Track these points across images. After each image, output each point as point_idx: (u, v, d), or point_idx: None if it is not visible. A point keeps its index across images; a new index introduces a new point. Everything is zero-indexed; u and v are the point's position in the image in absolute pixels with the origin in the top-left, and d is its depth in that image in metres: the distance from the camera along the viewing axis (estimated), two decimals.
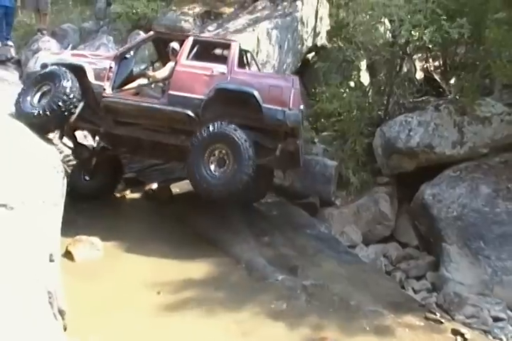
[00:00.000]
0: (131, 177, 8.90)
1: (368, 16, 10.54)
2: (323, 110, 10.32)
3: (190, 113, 6.75)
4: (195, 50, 7.19)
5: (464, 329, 5.64)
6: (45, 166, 5.84)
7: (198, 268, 6.18)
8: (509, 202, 8.10)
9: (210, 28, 10.96)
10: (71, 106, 6.75)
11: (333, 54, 11.52)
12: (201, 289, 5.77)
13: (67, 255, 6.01)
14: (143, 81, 7.45)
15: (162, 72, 7.30)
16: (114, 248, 6.45)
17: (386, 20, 10.61)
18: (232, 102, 6.83)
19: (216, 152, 6.58)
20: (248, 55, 7.92)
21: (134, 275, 5.86)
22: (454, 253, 7.79)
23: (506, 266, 7.37)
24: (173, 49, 7.39)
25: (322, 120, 10.53)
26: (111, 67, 7.12)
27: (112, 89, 7.09)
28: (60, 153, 7.59)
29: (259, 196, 8.38)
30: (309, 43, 11.62)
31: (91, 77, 7.01)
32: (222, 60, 7.17)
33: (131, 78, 7.52)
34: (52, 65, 7.03)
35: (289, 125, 6.72)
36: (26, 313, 3.54)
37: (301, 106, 6.88)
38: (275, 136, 6.98)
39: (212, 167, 6.54)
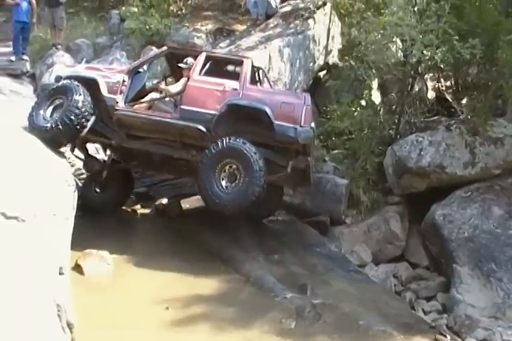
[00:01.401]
0: (142, 191, 8.92)
1: (379, 35, 10.57)
2: (334, 128, 10.34)
3: (201, 128, 6.75)
4: (207, 65, 7.23)
5: None
6: (56, 179, 5.85)
7: (207, 285, 6.13)
8: None
9: (222, 44, 11.05)
10: (83, 120, 6.75)
11: (345, 72, 11.57)
12: (210, 305, 5.70)
13: (77, 268, 5.97)
14: (155, 95, 7.48)
15: (176, 87, 7.30)
16: (123, 262, 6.42)
17: (398, 40, 10.63)
18: (244, 118, 6.84)
19: (227, 167, 6.56)
20: (260, 72, 7.94)
21: (143, 289, 5.82)
22: (465, 274, 7.71)
23: None
24: (189, 63, 7.34)
25: (333, 138, 10.57)
26: (124, 81, 7.14)
27: (125, 103, 7.10)
28: (72, 166, 7.62)
29: (269, 212, 8.36)
30: (321, 61, 11.69)
31: (104, 90, 7.04)
32: (235, 76, 7.19)
33: (143, 92, 7.54)
34: (66, 77, 7.08)
35: (300, 142, 6.71)
36: (35, 326, 3.52)
37: (312, 124, 6.87)
38: (286, 153, 6.99)
39: (223, 183, 6.52)
